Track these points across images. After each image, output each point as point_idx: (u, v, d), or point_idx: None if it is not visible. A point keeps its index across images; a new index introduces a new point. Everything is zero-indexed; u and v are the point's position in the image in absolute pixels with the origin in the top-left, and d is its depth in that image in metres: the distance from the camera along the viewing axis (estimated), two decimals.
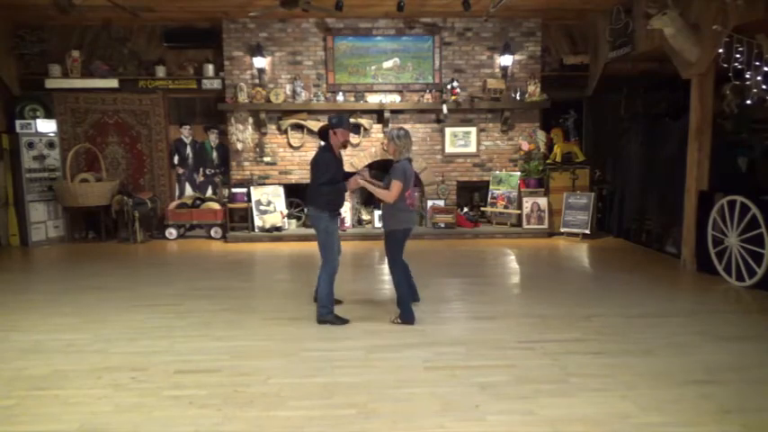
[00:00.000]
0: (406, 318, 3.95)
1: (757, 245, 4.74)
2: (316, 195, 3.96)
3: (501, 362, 3.28)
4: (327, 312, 3.98)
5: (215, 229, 7.69)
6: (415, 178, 4.19)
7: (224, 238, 7.57)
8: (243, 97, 7.55)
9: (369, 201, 8.28)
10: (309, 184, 4.06)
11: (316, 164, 3.99)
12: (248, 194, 7.64)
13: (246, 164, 7.87)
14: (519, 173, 7.84)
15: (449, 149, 7.96)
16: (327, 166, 3.94)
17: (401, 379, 3.07)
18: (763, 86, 4.73)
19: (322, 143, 4.15)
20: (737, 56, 4.68)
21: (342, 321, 3.99)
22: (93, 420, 2.66)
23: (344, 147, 4.10)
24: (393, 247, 3.97)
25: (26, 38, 7.52)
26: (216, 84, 7.85)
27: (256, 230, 7.58)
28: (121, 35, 7.84)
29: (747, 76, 4.74)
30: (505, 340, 3.62)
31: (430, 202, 7.87)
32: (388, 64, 7.75)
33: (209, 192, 8.26)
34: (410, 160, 3.98)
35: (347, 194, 5.01)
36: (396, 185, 3.84)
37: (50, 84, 7.62)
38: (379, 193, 3.94)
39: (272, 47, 7.71)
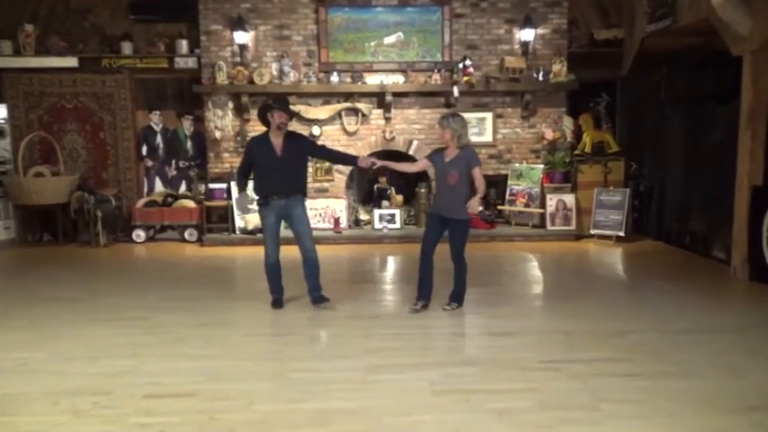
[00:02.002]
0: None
1: None
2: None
3: (521, 385, 3.28)
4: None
5: (190, 231, 7.71)
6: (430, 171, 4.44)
7: (200, 241, 7.59)
8: (222, 78, 7.56)
9: (367, 199, 8.29)
10: None
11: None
12: (228, 191, 7.65)
13: (226, 155, 7.88)
14: (542, 166, 7.84)
15: None
16: (250, 150, 4.66)
17: (405, 404, 3.06)
18: None
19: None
20: None
21: (276, 305, 4.68)
22: None
23: (280, 129, 4.60)
24: (465, 237, 4.54)
25: None
26: (191, 62, 7.87)
27: (237, 232, 7.60)
28: (82, 7, 7.86)
29: None
30: (526, 360, 3.62)
31: None
32: (389, 39, 7.76)
33: (183, 188, 8.28)
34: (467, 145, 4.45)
35: (346, 194, 5.38)
36: (480, 172, 4.41)
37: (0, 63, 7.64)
38: (480, 190, 4.41)
39: (256, 19, 7.71)
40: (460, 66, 7.64)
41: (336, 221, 7.70)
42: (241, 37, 7.54)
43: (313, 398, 3.14)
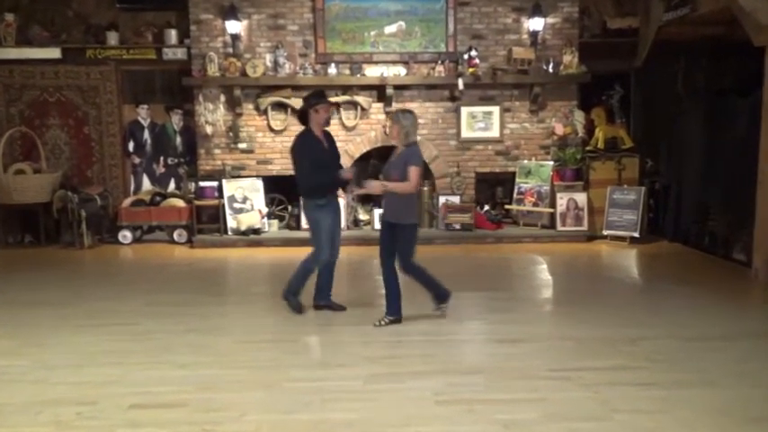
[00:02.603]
0: (394, 313, 4.38)
1: None
2: (299, 183, 4.58)
3: (529, 395, 3.28)
4: (290, 294, 4.65)
5: (179, 232, 7.71)
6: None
7: (190, 242, 7.59)
8: (213, 70, 7.57)
9: (367, 198, 8.28)
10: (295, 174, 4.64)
11: (293, 150, 4.60)
12: (219, 189, 7.65)
13: (217, 151, 7.89)
14: (552, 163, 7.84)
15: (465, 134, 7.96)
16: (309, 149, 4.46)
17: (407, 415, 3.07)
18: None
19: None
20: None
21: (297, 309, 4.62)
22: None
23: (327, 124, 4.66)
24: (409, 244, 4.32)
25: None
26: (180, 54, 7.87)
27: (229, 233, 7.60)
28: None
29: None
30: (534, 368, 3.63)
31: (442, 199, 7.87)
32: (390, 29, 7.76)
33: (172, 186, 8.28)
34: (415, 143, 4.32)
35: (344, 192, 5.35)
36: (414, 171, 4.19)
37: None
38: (398, 187, 4.20)
39: (249, 8, 7.72)
40: (465, 57, 7.64)
41: None
42: (233, 26, 7.54)
43: (309, 408, 3.15)
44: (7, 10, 7.71)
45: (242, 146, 7.88)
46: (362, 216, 8.05)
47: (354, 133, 7.88)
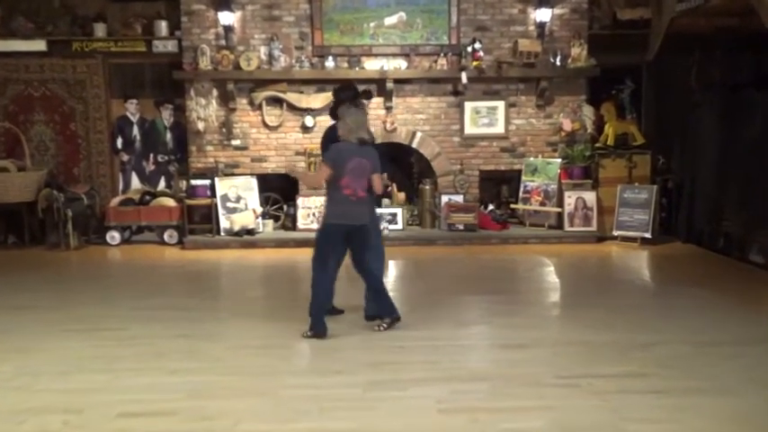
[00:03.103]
0: (318, 330, 4.20)
1: None
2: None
3: (535, 403, 3.28)
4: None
5: (169, 233, 7.72)
6: (373, 165, 4.30)
7: (181, 243, 7.59)
8: (205, 63, 7.57)
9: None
10: None
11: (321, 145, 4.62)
12: (212, 188, 7.66)
13: (210, 148, 7.89)
14: (559, 160, 7.84)
15: (469, 130, 7.97)
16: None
17: (408, 424, 3.07)
18: None
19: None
20: None
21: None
22: None
23: None
24: (319, 242, 4.29)
25: None
26: (170, 46, 7.87)
27: (222, 234, 7.60)
28: None
29: None
30: (541, 375, 3.62)
31: (444, 198, 7.88)
32: (391, 20, 7.76)
33: (162, 184, 8.29)
34: (363, 142, 4.21)
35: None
36: (320, 169, 4.25)
37: None
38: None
39: None
40: (469, 49, 7.64)
41: None
42: (226, 18, 7.55)
43: (306, 417, 3.14)
44: None
45: (235, 142, 7.88)
46: None
47: None
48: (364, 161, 4.22)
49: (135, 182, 8.29)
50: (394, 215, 7.69)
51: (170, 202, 7.73)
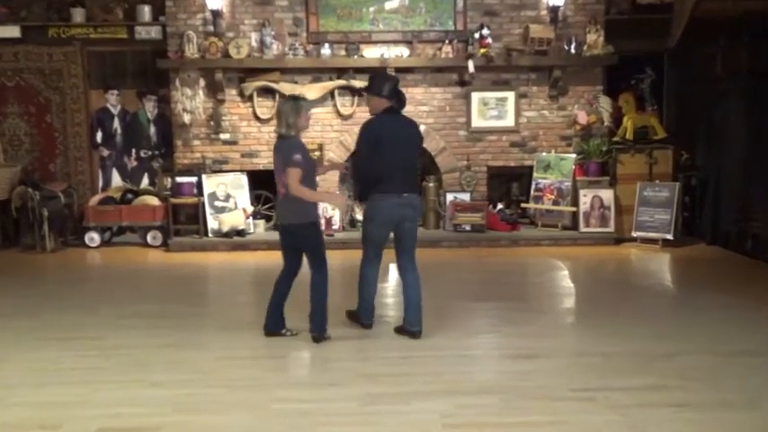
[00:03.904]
0: (318, 331, 4.30)
1: None
2: None
3: (548, 417, 3.28)
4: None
5: (153, 234, 7.72)
6: (282, 159, 4.30)
7: (165, 245, 7.60)
8: (192, 51, 7.57)
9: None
10: None
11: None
12: (199, 185, 7.67)
13: (196, 143, 7.90)
14: (574, 155, 7.84)
15: (476, 123, 7.97)
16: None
17: None
18: None
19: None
20: None
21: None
22: None
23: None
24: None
25: None
26: (154, 32, 7.88)
27: (210, 235, 7.61)
28: None
29: None
30: (554, 387, 3.63)
31: (450, 197, 7.89)
32: (392, 4, 7.77)
33: (145, 182, 8.29)
34: (280, 136, 4.26)
35: (340, 188, 5.22)
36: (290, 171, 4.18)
37: None
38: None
39: None
40: (476, 36, 7.65)
41: (328, 222, 7.70)
42: (214, 1, 7.55)
43: None
44: None
45: (224, 136, 7.89)
46: (360, 216, 8.04)
47: (351, 122, 7.88)
48: (277, 156, 4.28)
49: (116, 179, 8.29)
50: None
51: (154, 201, 7.74)
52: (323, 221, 7.74)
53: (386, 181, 4.27)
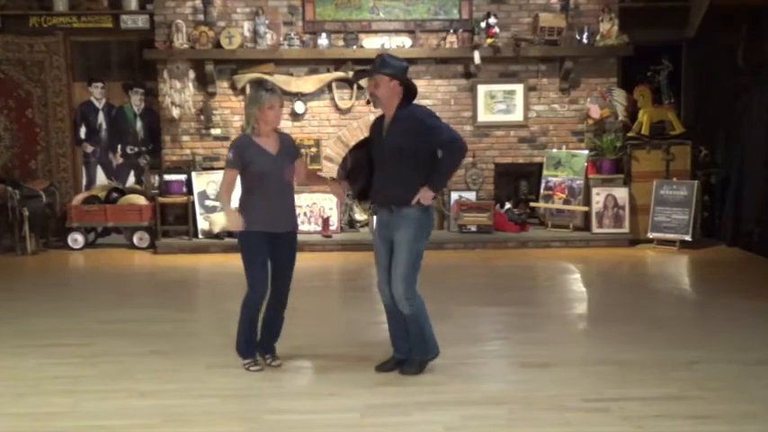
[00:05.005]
0: (246, 352, 4.03)
1: None
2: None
3: (559, 429, 3.27)
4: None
5: (139, 235, 7.72)
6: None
7: (152, 247, 7.60)
8: (181, 41, 7.57)
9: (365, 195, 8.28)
10: None
11: None
12: (188, 184, 7.67)
13: (186, 138, 7.90)
14: (586, 152, 7.84)
15: (483, 117, 7.97)
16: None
17: None
18: None
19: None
20: None
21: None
22: None
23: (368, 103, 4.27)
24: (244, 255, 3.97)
25: None
26: (141, 21, 7.88)
27: (200, 236, 7.61)
28: None
29: None
30: (566, 397, 3.62)
31: (454, 196, 7.89)
32: None
33: (132, 180, 8.30)
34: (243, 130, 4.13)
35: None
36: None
37: None
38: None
39: None
40: (483, 25, 7.64)
41: (325, 222, 7.70)
42: None
43: None
44: None
45: (215, 132, 7.89)
46: (358, 216, 8.06)
47: (350, 116, 7.89)
48: None
49: (100, 177, 8.30)
50: None
51: (140, 201, 7.74)
52: (320, 221, 7.74)
53: None
